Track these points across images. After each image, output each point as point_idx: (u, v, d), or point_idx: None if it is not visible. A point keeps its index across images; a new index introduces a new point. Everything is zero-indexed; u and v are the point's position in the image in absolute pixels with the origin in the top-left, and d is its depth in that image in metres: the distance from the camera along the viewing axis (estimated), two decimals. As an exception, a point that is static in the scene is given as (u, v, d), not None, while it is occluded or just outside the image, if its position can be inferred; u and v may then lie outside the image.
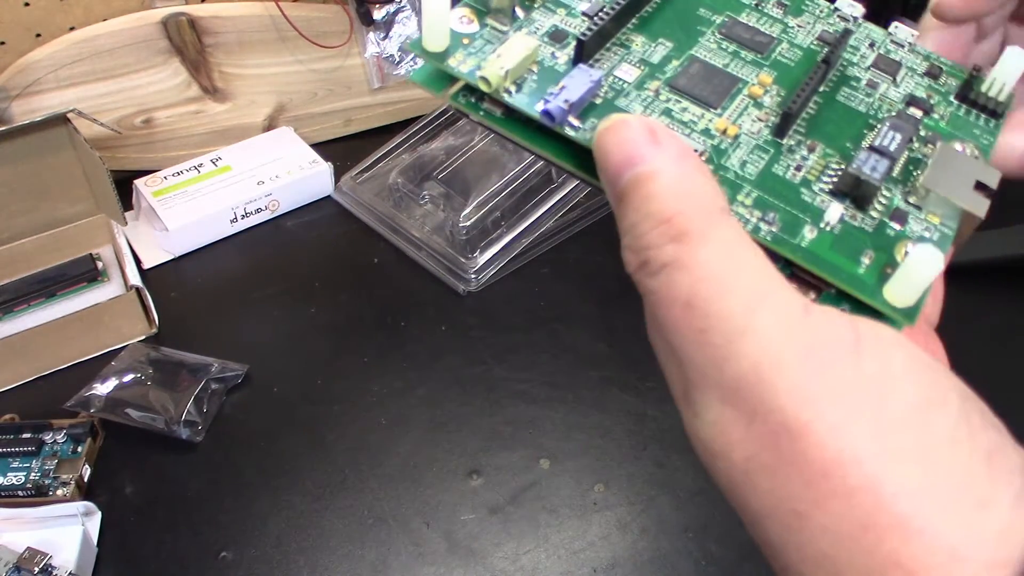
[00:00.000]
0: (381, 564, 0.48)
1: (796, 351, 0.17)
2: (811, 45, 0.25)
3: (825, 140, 0.23)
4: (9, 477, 0.50)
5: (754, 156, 0.22)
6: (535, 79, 0.23)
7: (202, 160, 0.72)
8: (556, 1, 0.25)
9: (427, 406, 0.56)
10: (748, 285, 0.18)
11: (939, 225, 0.22)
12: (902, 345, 0.18)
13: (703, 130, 0.23)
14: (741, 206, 0.21)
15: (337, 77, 0.78)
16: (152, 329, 0.61)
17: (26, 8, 0.66)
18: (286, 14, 0.71)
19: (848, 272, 0.20)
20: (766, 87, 0.24)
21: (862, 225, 0.21)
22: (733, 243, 0.18)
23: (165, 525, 0.50)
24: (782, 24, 0.26)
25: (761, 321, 0.17)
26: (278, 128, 0.77)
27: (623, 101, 0.23)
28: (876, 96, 0.24)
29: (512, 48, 0.22)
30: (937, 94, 0.25)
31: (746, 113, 0.23)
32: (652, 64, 0.24)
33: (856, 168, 0.21)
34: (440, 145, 0.74)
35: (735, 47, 0.25)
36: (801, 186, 0.22)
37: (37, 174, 0.64)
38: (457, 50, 0.23)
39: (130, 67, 0.69)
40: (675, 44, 0.24)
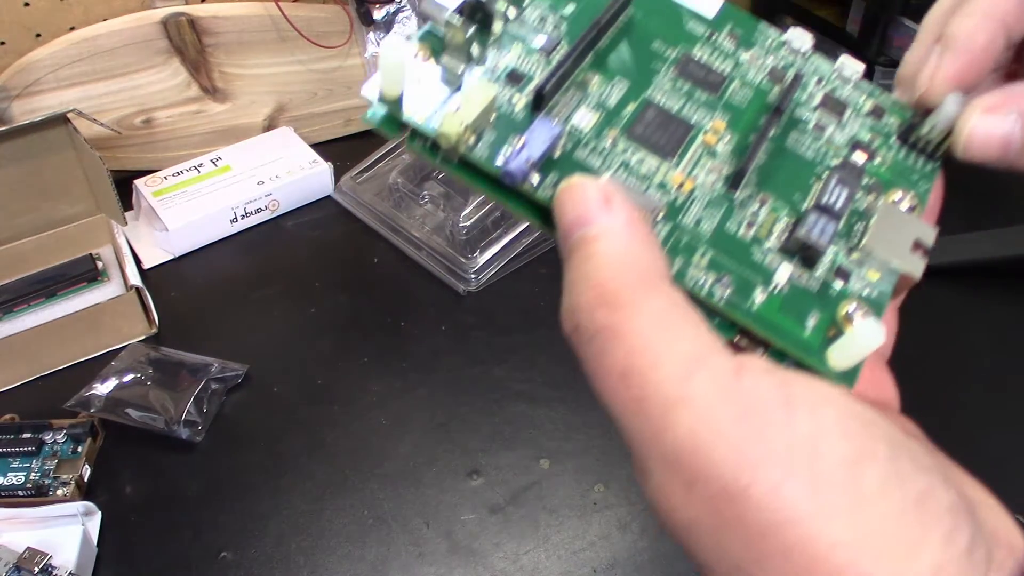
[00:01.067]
0: (381, 564, 0.48)
1: (731, 416, 0.17)
2: (762, 83, 0.26)
3: (775, 191, 0.24)
4: (9, 477, 0.50)
5: (709, 212, 0.23)
6: (494, 128, 0.23)
7: (202, 160, 0.72)
8: (510, 36, 0.25)
9: (427, 406, 0.56)
10: (682, 353, 0.18)
11: (878, 282, 0.23)
12: (832, 402, 0.18)
13: (660, 184, 0.23)
14: (697, 269, 0.22)
15: (337, 77, 0.78)
16: (152, 329, 0.61)
17: (26, 8, 0.66)
18: (286, 14, 0.71)
19: (794, 336, 0.22)
20: (719, 134, 0.25)
21: (808, 285, 0.23)
22: (667, 312, 0.19)
23: (165, 525, 0.50)
24: (734, 59, 0.26)
25: (695, 389, 0.18)
26: (278, 128, 0.77)
27: (582, 152, 0.23)
28: (823, 140, 0.25)
29: (470, 98, 0.22)
30: (880, 135, 0.26)
31: (700, 164, 0.24)
32: (609, 109, 0.24)
33: (805, 234, 0.22)
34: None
35: (689, 86, 0.25)
36: (752, 244, 0.23)
37: (37, 174, 0.64)
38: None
39: (130, 67, 0.69)
40: (631, 84, 0.25)
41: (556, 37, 0.25)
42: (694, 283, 0.22)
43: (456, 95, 0.23)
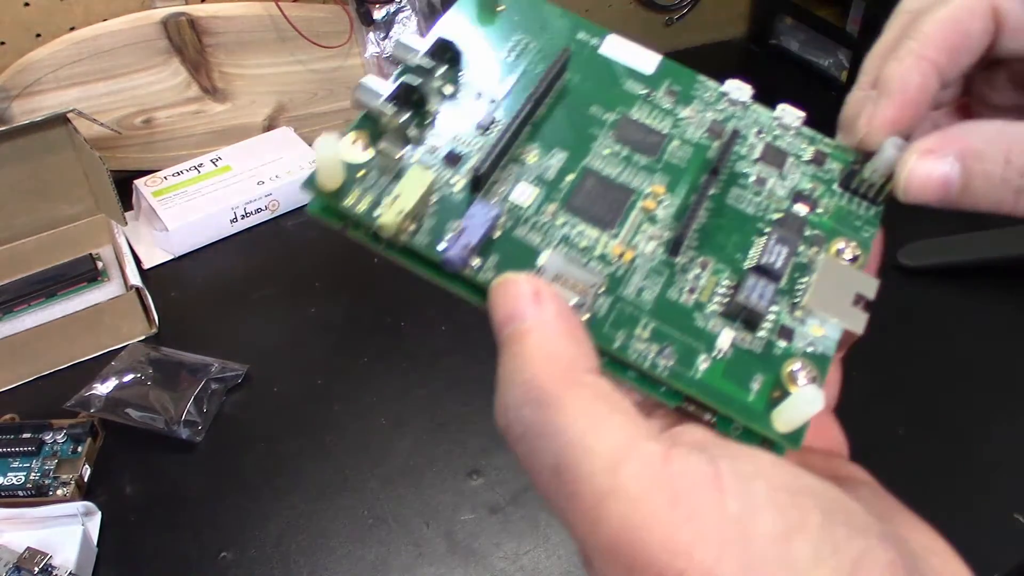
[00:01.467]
0: (381, 564, 0.48)
1: (662, 502, 0.18)
2: (701, 139, 0.26)
3: (716, 253, 0.24)
4: (9, 477, 0.50)
5: (650, 280, 0.23)
6: (434, 214, 0.23)
7: (202, 160, 0.72)
8: (449, 114, 0.25)
9: (427, 406, 0.56)
10: (609, 445, 0.18)
11: (822, 338, 0.23)
12: (762, 474, 0.18)
13: (600, 256, 0.23)
14: (639, 341, 0.23)
15: (337, 77, 0.78)
16: (152, 329, 0.61)
17: (26, 8, 0.66)
18: (286, 14, 0.71)
19: (738, 401, 0.22)
20: (659, 197, 0.25)
21: (751, 347, 0.23)
22: (592, 404, 0.19)
23: (165, 525, 0.50)
24: (672, 117, 0.26)
25: (625, 479, 0.18)
26: (278, 128, 0.77)
27: (522, 230, 0.24)
28: (764, 194, 0.25)
29: (408, 186, 0.22)
30: (821, 183, 0.26)
31: (641, 231, 0.24)
32: (548, 182, 0.24)
33: (744, 298, 0.23)
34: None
35: (628, 151, 0.25)
36: (694, 310, 0.23)
37: (37, 174, 0.64)
38: (353, 186, 0.23)
39: (130, 67, 0.69)
40: (569, 154, 0.25)
41: (492, 112, 0.25)
42: (637, 356, 0.22)
43: (395, 183, 0.23)
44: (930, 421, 0.56)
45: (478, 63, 0.26)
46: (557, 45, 0.27)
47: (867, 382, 0.58)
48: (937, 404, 0.57)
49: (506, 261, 0.23)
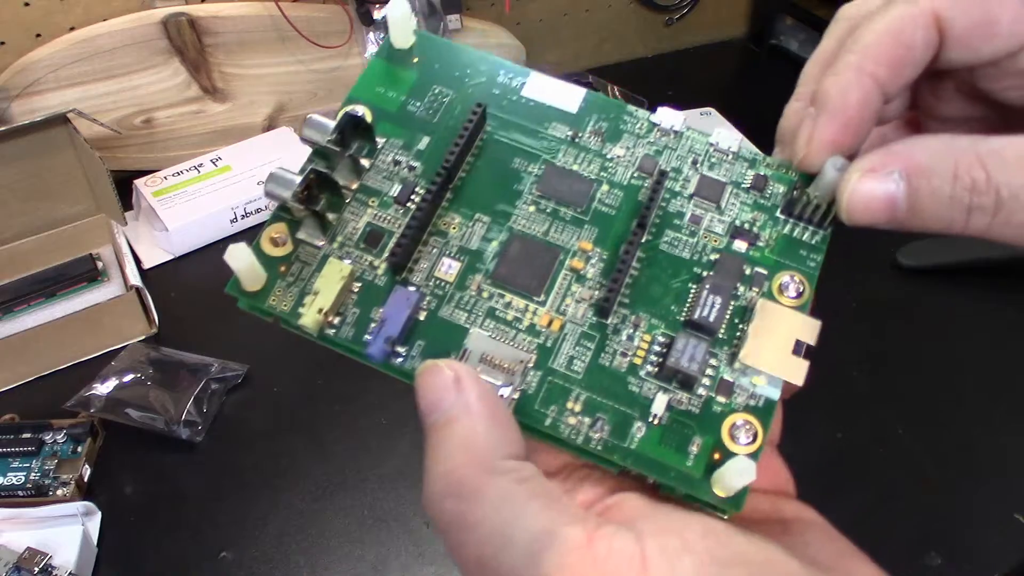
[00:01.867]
0: (381, 564, 0.48)
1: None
2: (632, 180, 0.25)
3: (650, 308, 0.23)
4: (9, 477, 0.50)
5: (580, 348, 0.23)
6: (357, 302, 0.23)
7: (202, 160, 0.72)
8: (366, 190, 0.24)
9: (427, 406, 0.56)
10: (529, 533, 0.18)
11: (763, 388, 0.22)
12: (690, 550, 0.18)
13: (528, 327, 0.23)
14: (571, 415, 0.22)
15: (337, 77, 0.78)
16: (152, 329, 0.61)
17: (26, 8, 0.66)
18: (286, 14, 0.71)
19: (676, 469, 0.22)
20: (588, 253, 0.24)
21: (689, 407, 0.22)
22: (511, 493, 0.19)
23: (165, 525, 0.50)
24: (601, 158, 0.25)
25: (547, 567, 0.18)
26: (278, 128, 0.77)
27: (447, 310, 0.23)
28: (700, 233, 0.24)
29: (326, 282, 0.22)
30: (763, 212, 0.25)
31: (570, 293, 0.23)
32: (471, 251, 0.24)
33: (675, 362, 0.22)
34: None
35: (553, 204, 0.24)
36: (628, 374, 0.22)
37: (37, 174, 0.64)
38: (275, 283, 0.23)
39: (130, 67, 0.69)
40: (491, 219, 0.24)
41: (411, 180, 0.24)
42: (569, 432, 0.22)
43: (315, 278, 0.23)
44: (930, 421, 0.56)
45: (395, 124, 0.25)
46: (478, 93, 0.26)
47: (867, 382, 0.58)
48: (937, 404, 0.57)
49: (432, 345, 0.23)
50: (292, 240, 0.24)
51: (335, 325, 0.23)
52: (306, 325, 0.22)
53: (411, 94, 0.26)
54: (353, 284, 0.23)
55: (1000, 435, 0.55)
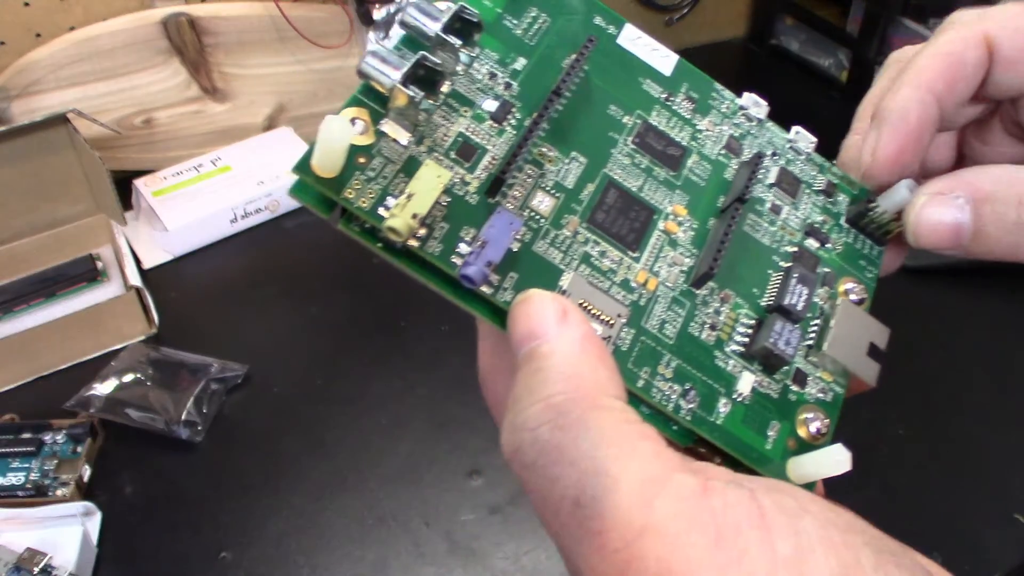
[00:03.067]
0: (381, 564, 0.48)
1: (704, 541, 0.16)
2: (719, 156, 0.25)
3: (736, 286, 0.23)
4: (9, 477, 0.50)
5: (672, 313, 0.22)
6: (446, 218, 0.21)
7: (202, 160, 0.72)
8: (459, 97, 0.22)
9: (427, 406, 0.56)
10: (639, 475, 0.16)
11: (831, 383, 0.23)
12: (808, 510, 0.17)
13: (623, 282, 0.22)
14: (662, 379, 0.22)
15: (337, 77, 0.78)
16: (152, 329, 0.60)
17: (26, 8, 0.66)
18: (286, 14, 0.71)
19: (757, 450, 0.22)
20: (680, 220, 0.24)
21: (769, 391, 0.22)
22: (618, 429, 0.17)
23: (165, 525, 0.50)
24: (691, 127, 0.26)
25: (660, 514, 0.16)
26: (278, 128, 0.77)
27: (541, 245, 0.22)
28: (779, 223, 0.25)
29: (423, 185, 0.20)
30: (831, 217, 0.26)
31: (662, 256, 0.23)
32: (567, 190, 0.23)
33: (772, 343, 0.22)
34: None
35: (648, 162, 0.24)
36: (715, 348, 0.23)
37: (37, 174, 0.64)
38: (352, 175, 0.20)
39: (130, 67, 0.69)
40: (588, 160, 0.23)
41: (508, 99, 0.23)
42: (661, 397, 0.22)
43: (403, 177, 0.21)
44: (930, 421, 0.56)
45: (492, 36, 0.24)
46: (574, 27, 0.25)
47: (867, 382, 0.58)
48: (937, 404, 0.57)
49: (526, 280, 0.21)
50: (375, 130, 0.21)
51: (421, 237, 0.20)
52: (397, 228, 0.19)
53: (507, 9, 0.24)
54: (443, 197, 0.21)
55: (1000, 435, 0.55)
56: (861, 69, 0.84)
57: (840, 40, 0.87)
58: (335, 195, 0.20)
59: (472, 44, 0.23)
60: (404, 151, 0.21)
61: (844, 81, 0.87)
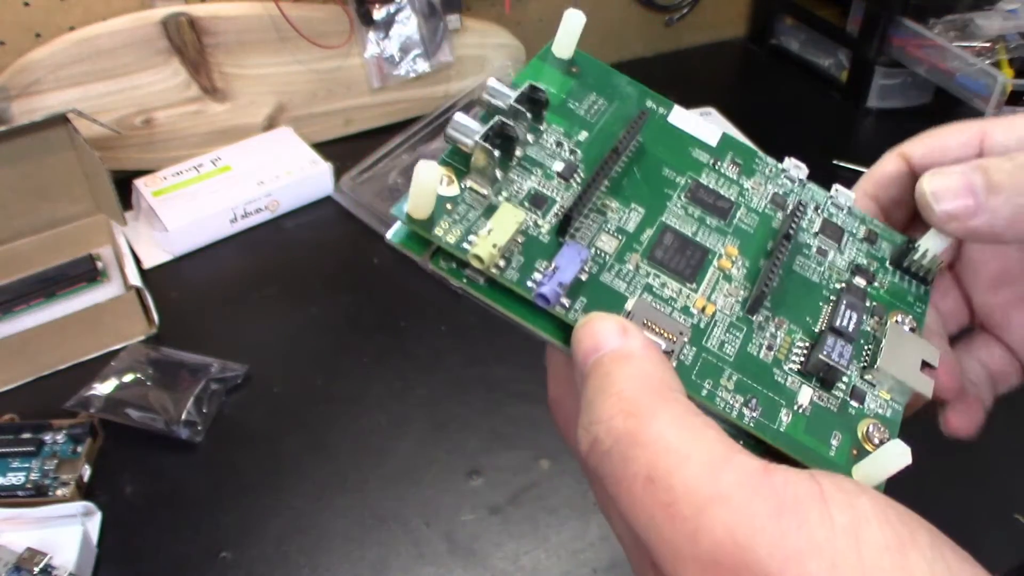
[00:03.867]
0: (381, 564, 0.48)
1: (767, 511, 0.17)
2: (766, 209, 0.28)
3: (788, 315, 0.25)
4: (9, 477, 0.50)
5: (730, 335, 0.24)
6: (521, 252, 0.23)
7: (202, 160, 0.72)
8: (531, 160, 0.25)
9: (427, 406, 0.56)
10: (706, 452, 0.18)
11: (890, 402, 0.24)
12: (865, 491, 0.18)
13: (683, 307, 0.24)
14: (724, 391, 0.23)
15: (337, 77, 0.78)
16: (152, 329, 0.61)
17: (26, 8, 0.66)
18: (286, 14, 0.71)
19: (822, 456, 0.23)
20: (733, 258, 0.26)
21: (828, 405, 0.24)
22: (684, 418, 0.19)
23: (165, 525, 0.50)
24: (738, 186, 0.28)
25: (727, 486, 0.17)
26: (278, 128, 0.77)
27: (607, 276, 0.24)
28: (825, 264, 0.27)
29: (502, 222, 0.23)
30: (875, 260, 0.27)
31: (718, 288, 0.25)
32: (629, 233, 0.25)
33: (826, 355, 0.23)
34: (440, 145, 0.74)
35: (700, 212, 0.26)
36: (773, 366, 0.24)
37: (37, 174, 0.64)
38: (441, 217, 0.23)
39: (130, 67, 0.69)
40: (646, 210, 0.26)
41: (573, 162, 0.26)
42: (724, 405, 0.23)
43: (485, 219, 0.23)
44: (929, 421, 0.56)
45: (558, 114, 0.27)
46: (628, 109, 0.28)
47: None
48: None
49: (594, 304, 0.23)
50: (458, 185, 0.24)
51: (500, 267, 0.23)
52: (481, 256, 0.22)
53: (570, 95, 0.28)
54: (518, 236, 0.24)
55: (1000, 435, 0.55)
56: (861, 69, 0.84)
57: (840, 40, 0.87)
58: (427, 232, 0.23)
59: (540, 119, 0.26)
60: (484, 200, 0.24)
61: (844, 81, 0.87)
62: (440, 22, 0.78)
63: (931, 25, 0.77)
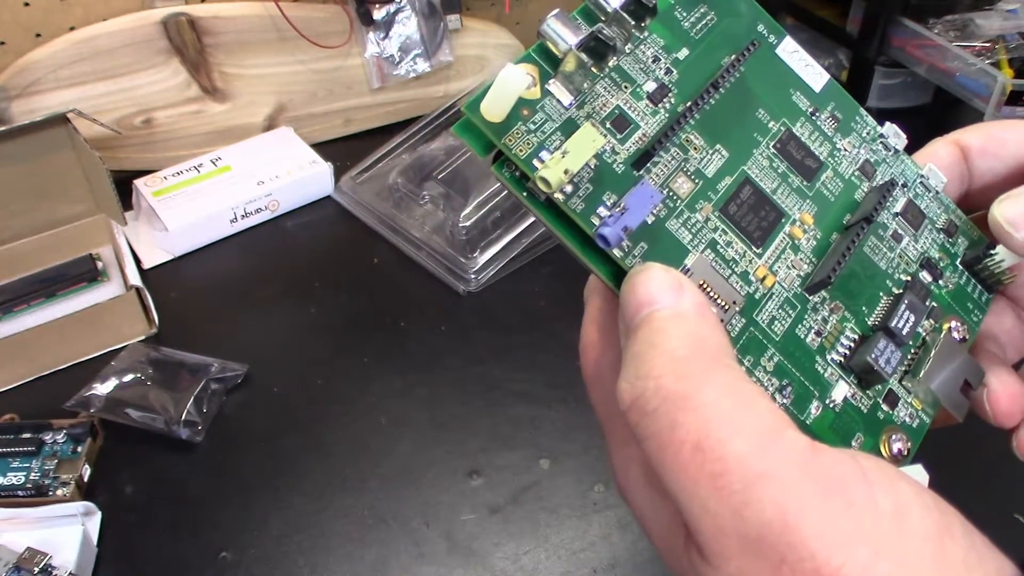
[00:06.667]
0: (381, 564, 0.48)
1: (815, 492, 0.17)
2: (852, 176, 0.26)
3: (846, 301, 0.24)
4: (9, 477, 0.50)
5: (782, 312, 0.23)
6: (591, 180, 0.22)
7: (202, 160, 0.72)
8: (622, 73, 0.24)
9: (427, 406, 0.56)
10: (758, 425, 0.18)
11: (920, 411, 0.24)
12: (902, 476, 0.18)
13: (743, 273, 0.23)
14: (763, 371, 0.23)
15: (337, 77, 0.78)
16: (152, 329, 0.61)
17: (26, 8, 0.66)
18: (286, 14, 0.71)
19: None
20: (806, 228, 0.25)
21: (860, 405, 0.23)
22: (737, 385, 0.18)
23: (165, 525, 0.50)
24: (831, 144, 0.27)
25: (777, 463, 0.17)
26: (278, 128, 0.77)
27: (674, 224, 0.23)
28: (897, 251, 0.26)
29: (579, 145, 0.22)
30: (947, 256, 0.27)
31: (783, 258, 0.24)
32: (707, 178, 0.24)
33: (873, 358, 0.23)
34: (440, 145, 0.74)
35: (785, 168, 0.25)
36: (817, 354, 0.23)
37: (37, 174, 0.64)
38: (516, 123, 0.22)
39: (130, 67, 0.69)
40: (730, 154, 0.25)
41: (667, 84, 0.24)
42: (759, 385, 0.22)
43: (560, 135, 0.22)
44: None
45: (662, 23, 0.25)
46: (739, 29, 0.26)
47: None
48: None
49: (654, 252, 0.22)
50: (540, 87, 0.22)
51: (566, 193, 0.22)
52: (549, 179, 0.21)
53: (679, 2, 0.26)
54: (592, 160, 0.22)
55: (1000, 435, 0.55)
56: (861, 69, 0.84)
57: (840, 40, 0.86)
58: (496, 139, 0.21)
59: (643, 28, 0.25)
60: (565, 112, 0.22)
61: (844, 81, 0.87)
62: (440, 22, 0.78)
63: (931, 25, 0.77)
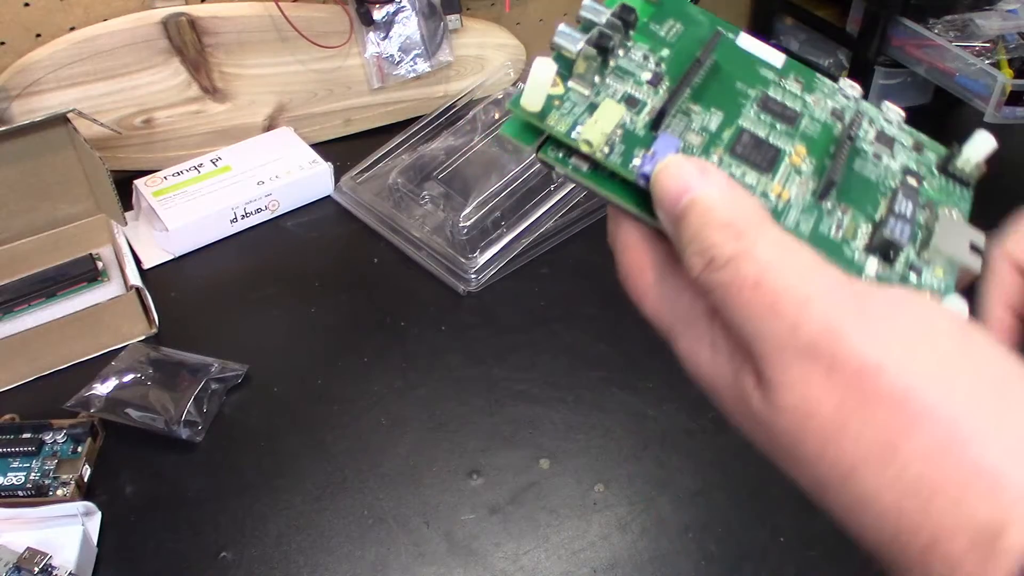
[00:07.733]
0: (381, 564, 0.48)
1: (856, 306, 0.21)
2: (827, 120, 0.31)
3: (853, 204, 0.28)
4: (9, 477, 0.50)
5: (804, 216, 0.27)
6: (621, 142, 0.27)
7: (202, 160, 0.72)
8: (623, 69, 0.29)
9: (427, 406, 0.56)
10: (804, 264, 0.22)
11: (944, 277, 0.27)
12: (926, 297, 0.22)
13: (762, 192, 0.27)
14: None
15: (337, 77, 0.78)
16: (152, 329, 0.61)
17: (26, 8, 0.66)
18: (286, 14, 0.71)
19: None
20: (802, 157, 0.29)
21: (890, 276, 0.27)
22: (783, 237, 0.23)
23: (165, 525, 0.50)
24: (801, 100, 0.31)
25: (822, 286, 0.21)
26: (278, 128, 0.77)
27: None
28: (881, 167, 0.30)
29: (605, 113, 0.27)
30: (923, 166, 0.31)
31: (791, 180, 0.28)
32: (711, 132, 0.28)
33: (889, 233, 0.26)
34: (440, 145, 0.74)
35: (771, 119, 0.30)
36: (843, 244, 0.27)
37: (37, 174, 0.64)
38: (551, 111, 0.26)
39: (130, 67, 0.69)
40: (725, 114, 0.29)
41: (659, 72, 0.29)
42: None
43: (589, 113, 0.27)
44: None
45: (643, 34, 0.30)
46: (703, 32, 0.31)
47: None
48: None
49: None
50: (563, 86, 0.27)
51: (605, 152, 0.26)
52: (590, 139, 0.26)
53: (652, 18, 0.31)
54: (618, 129, 0.27)
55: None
56: (861, 69, 0.84)
57: (840, 40, 0.87)
58: (539, 122, 0.26)
59: (627, 37, 0.30)
60: (587, 98, 0.27)
61: (844, 81, 0.87)
62: (440, 22, 0.78)
63: (931, 25, 0.77)
